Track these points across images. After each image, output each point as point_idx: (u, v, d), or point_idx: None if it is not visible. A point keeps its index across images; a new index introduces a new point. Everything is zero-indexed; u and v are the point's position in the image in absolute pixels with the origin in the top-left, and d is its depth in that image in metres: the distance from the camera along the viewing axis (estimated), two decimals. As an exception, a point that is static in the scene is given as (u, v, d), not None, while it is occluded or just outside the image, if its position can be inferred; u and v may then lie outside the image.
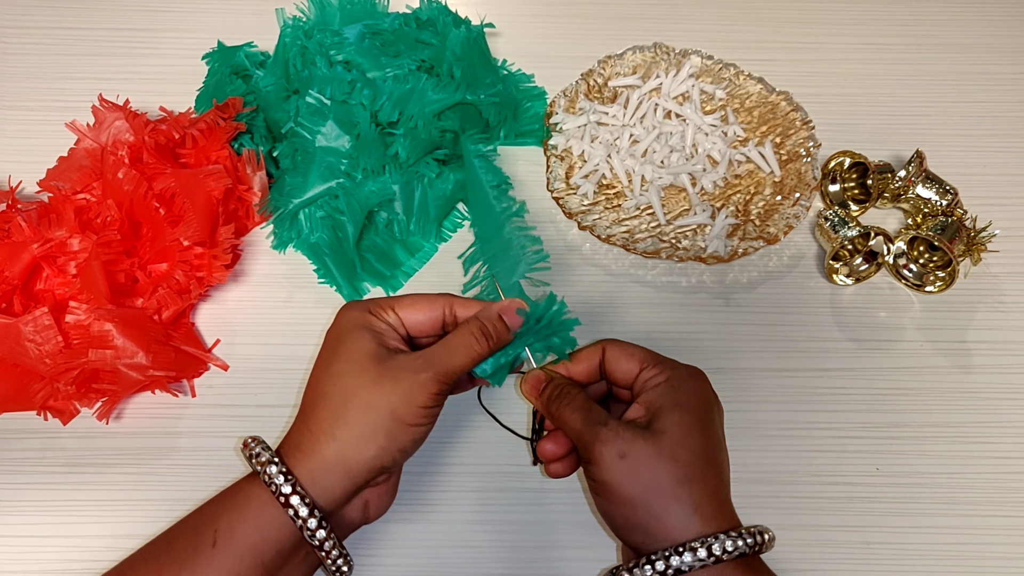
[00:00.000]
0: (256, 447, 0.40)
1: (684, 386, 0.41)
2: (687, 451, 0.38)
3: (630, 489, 0.38)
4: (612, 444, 0.39)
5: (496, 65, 0.64)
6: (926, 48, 0.70)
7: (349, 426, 0.39)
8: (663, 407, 0.40)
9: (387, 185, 0.56)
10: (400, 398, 0.39)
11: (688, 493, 0.38)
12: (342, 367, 0.40)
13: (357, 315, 0.42)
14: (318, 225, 0.56)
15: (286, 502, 0.37)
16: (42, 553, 0.47)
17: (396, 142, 0.56)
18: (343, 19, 0.63)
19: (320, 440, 0.39)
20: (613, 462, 0.38)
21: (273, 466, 0.38)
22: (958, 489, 0.50)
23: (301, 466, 0.38)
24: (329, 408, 0.39)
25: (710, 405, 0.41)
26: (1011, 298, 0.58)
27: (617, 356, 0.43)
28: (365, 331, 0.41)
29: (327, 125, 0.55)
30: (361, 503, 0.42)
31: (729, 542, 0.37)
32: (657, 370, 0.42)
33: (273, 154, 0.59)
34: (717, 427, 0.41)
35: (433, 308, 0.42)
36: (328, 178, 0.55)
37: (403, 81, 0.57)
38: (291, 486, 0.38)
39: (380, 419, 0.38)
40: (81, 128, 0.57)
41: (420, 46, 0.60)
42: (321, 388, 0.40)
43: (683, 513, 0.37)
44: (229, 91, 0.59)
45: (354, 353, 0.40)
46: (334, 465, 0.38)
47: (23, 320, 0.48)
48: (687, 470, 0.38)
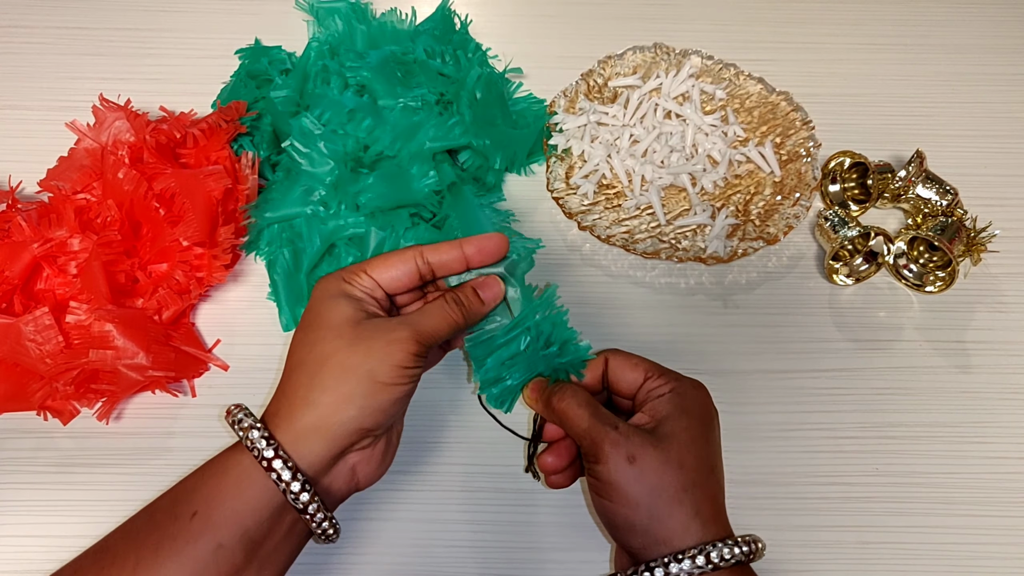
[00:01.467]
0: (239, 413, 0.40)
1: (689, 395, 0.42)
2: (693, 457, 0.39)
3: (636, 491, 0.38)
4: (622, 446, 0.39)
5: (510, 108, 0.62)
6: (926, 48, 0.70)
7: (325, 389, 0.38)
8: (670, 415, 0.41)
9: (359, 223, 0.55)
10: (377, 358, 0.38)
11: (691, 498, 0.38)
12: (318, 334, 0.40)
13: (332, 285, 0.41)
14: (277, 243, 0.56)
15: (268, 466, 0.37)
16: (37, 553, 0.47)
17: (363, 184, 0.55)
18: (367, 39, 0.62)
19: (298, 406, 0.38)
20: (621, 464, 0.39)
21: (255, 431, 0.38)
22: (956, 489, 0.50)
23: (282, 433, 0.38)
24: (306, 374, 0.39)
25: (712, 415, 0.42)
26: (1011, 298, 0.58)
27: (621, 365, 0.44)
28: (340, 298, 0.41)
29: (315, 150, 0.55)
30: (348, 469, 0.41)
31: (727, 549, 0.37)
32: (662, 380, 0.42)
33: (272, 161, 0.59)
34: (717, 436, 0.42)
35: (404, 261, 0.42)
36: (304, 202, 0.55)
37: (412, 113, 0.56)
38: (273, 450, 0.37)
39: (357, 380, 0.38)
40: (81, 128, 0.57)
41: (441, 79, 0.60)
42: (298, 356, 0.40)
43: (685, 517, 0.38)
44: (243, 94, 0.59)
45: (331, 320, 0.40)
46: (313, 430, 0.38)
47: (23, 320, 0.48)
48: (692, 475, 0.39)
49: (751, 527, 0.49)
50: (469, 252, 0.43)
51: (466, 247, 0.43)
